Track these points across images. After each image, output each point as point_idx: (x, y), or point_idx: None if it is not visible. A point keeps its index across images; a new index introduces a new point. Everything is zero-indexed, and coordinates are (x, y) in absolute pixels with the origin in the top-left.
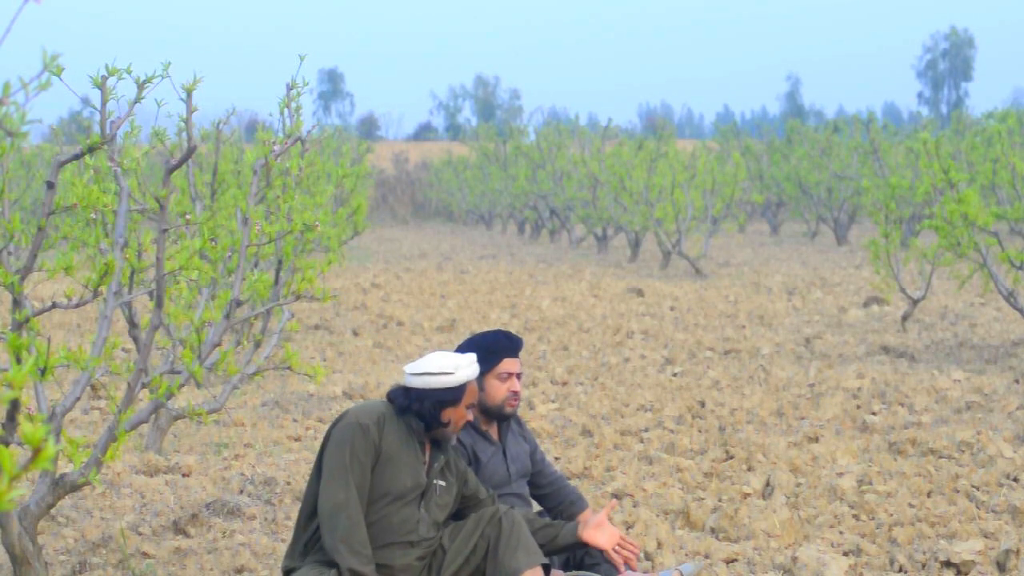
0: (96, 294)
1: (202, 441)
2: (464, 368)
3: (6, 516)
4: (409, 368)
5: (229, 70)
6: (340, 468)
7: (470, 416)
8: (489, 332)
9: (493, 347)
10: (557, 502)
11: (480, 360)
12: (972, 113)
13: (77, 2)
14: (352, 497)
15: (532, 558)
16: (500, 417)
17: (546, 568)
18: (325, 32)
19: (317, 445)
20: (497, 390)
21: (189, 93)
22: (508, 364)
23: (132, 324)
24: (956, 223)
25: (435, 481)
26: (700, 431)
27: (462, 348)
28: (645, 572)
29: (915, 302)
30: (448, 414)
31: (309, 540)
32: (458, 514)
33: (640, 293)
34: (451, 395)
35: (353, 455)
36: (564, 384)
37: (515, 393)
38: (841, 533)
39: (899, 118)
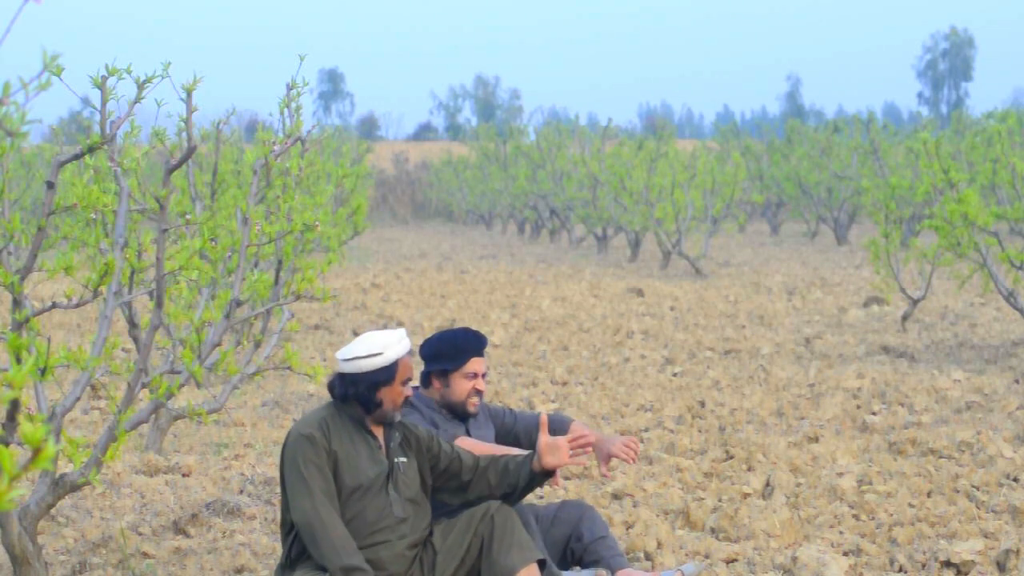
0: (96, 294)
1: (202, 441)
2: (393, 346)
3: (6, 516)
4: (340, 354)
5: (229, 70)
6: (298, 481)
7: (408, 392)
8: (457, 330)
9: (462, 346)
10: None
11: (448, 358)
12: (972, 113)
13: (77, 2)
14: (318, 502)
15: (527, 555)
16: (463, 415)
17: (541, 563)
18: (325, 32)
19: None
20: (462, 388)
21: (189, 93)
22: (474, 363)
23: (132, 324)
24: (956, 223)
25: (396, 459)
26: (700, 431)
27: (428, 344)
28: (646, 572)
29: (915, 302)
30: (383, 393)
31: (293, 554)
32: (462, 502)
33: (640, 293)
34: (383, 375)
35: (307, 463)
36: (564, 384)
37: (479, 392)
38: (841, 533)
39: (899, 118)
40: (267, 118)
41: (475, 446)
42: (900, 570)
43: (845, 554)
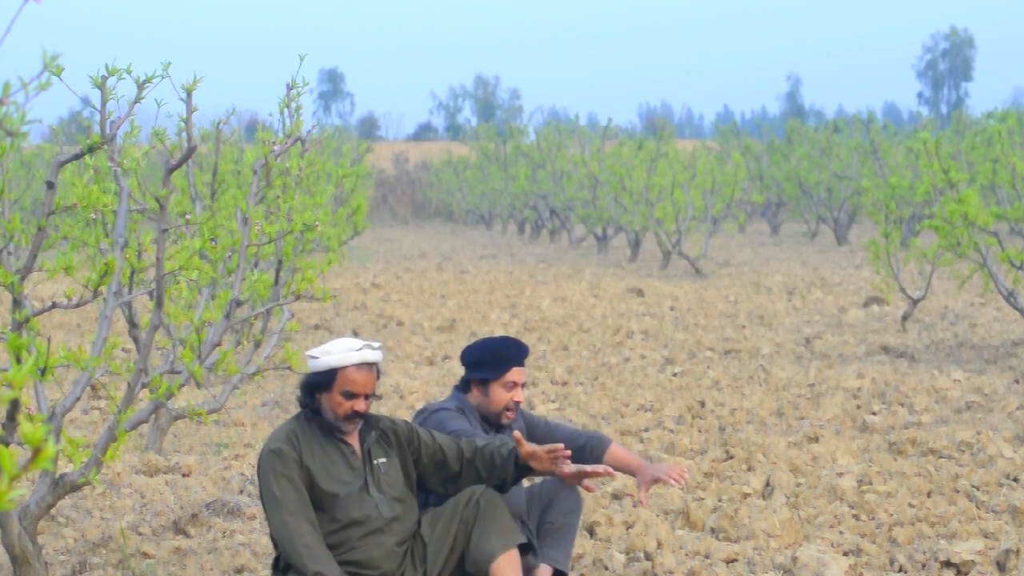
0: (96, 294)
1: (202, 441)
2: (336, 353)
3: (6, 516)
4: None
5: (229, 70)
6: (270, 496)
7: (357, 406)
8: (499, 339)
9: (504, 355)
10: (579, 457)
11: (489, 367)
12: (972, 113)
13: (77, 2)
14: (287, 513)
15: (507, 540)
16: (498, 426)
17: (524, 547)
18: (325, 32)
19: None
20: (500, 398)
21: (189, 93)
22: (515, 374)
23: (132, 324)
24: (956, 223)
25: (376, 461)
26: (700, 431)
27: (469, 352)
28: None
29: (915, 302)
30: (322, 399)
31: (282, 563)
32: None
33: (640, 293)
34: (319, 379)
35: (277, 477)
36: (564, 384)
37: (516, 402)
38: (841, 533)
39: (899, 118)
40: (267, 118)
41: None
42: (900, 570)
43: (845, 554)
